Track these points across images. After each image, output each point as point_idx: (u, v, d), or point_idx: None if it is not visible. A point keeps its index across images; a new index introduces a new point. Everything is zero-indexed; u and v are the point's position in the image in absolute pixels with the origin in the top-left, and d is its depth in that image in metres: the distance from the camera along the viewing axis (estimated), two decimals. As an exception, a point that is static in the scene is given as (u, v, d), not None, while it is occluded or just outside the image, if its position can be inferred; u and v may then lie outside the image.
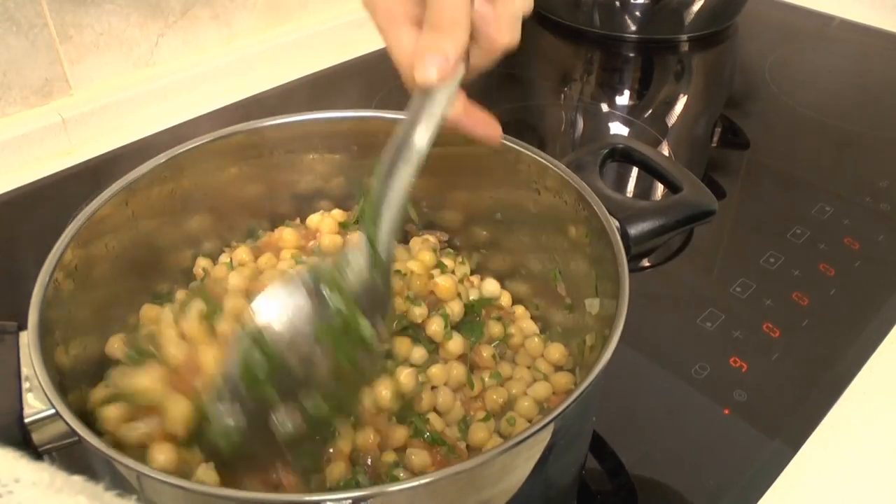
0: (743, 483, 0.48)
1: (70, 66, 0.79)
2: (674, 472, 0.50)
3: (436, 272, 0.49)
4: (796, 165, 0.79)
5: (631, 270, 0.41)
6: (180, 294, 0.49)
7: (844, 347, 0.57)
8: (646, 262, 0.67)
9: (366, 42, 0.98)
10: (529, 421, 0.43)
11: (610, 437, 0.51)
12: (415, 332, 0.45)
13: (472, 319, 0.48)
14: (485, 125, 0.40)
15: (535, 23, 1.07)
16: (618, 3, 0.98)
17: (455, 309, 0.46)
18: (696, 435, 0.52)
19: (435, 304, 0.46)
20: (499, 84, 0.94)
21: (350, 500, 0.32)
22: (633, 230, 0.43)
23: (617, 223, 0.43)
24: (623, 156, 0.49)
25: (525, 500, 0.37)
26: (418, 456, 0.40)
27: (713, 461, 0.50)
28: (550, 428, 0.32)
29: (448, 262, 0.50)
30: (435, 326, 0.45)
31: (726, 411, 0.53)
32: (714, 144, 0.86)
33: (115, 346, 0.44)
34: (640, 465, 0.50)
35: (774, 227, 0.69)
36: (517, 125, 0.83)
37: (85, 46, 0.79)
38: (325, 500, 0.32)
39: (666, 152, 0.81)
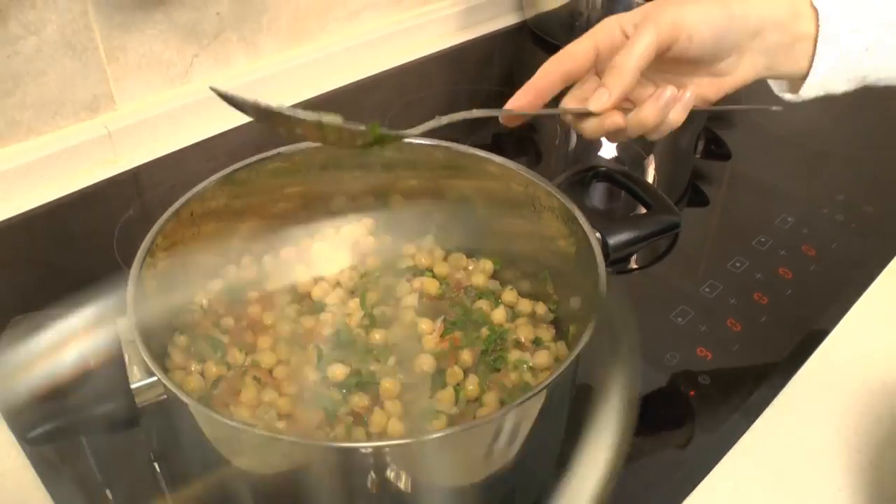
0: (706, 450, 0.58)
1: (115, 84, 0.87)
2: (648, 444, 0.59)
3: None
4: (767, 177, 0.88)
5: (618, 272, 0.50)
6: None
7: (796, 340, 0.67)
8: (634, 265, 0.76)
9: (380, 61, 1.07)
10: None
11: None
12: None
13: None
14: None
15: (531, 43, 1.17)
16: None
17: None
18: (666, 413, 0.61)
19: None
20: (497, 102, 1.03)
21: (370, 450, 0.41)
22: (612, 240, 0.53)
23: (598, 234, 0.52)
24: (605, 177, 0.58)
25: (522, 458, 0.46)
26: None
27: (681, 433, 0.59)
28: (544, 393, 0.41)
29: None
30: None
31: (692, 393, 0.62)
32: (698, 155, 0.94)
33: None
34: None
35: (742, 234, 0.78)
36: (514, 140, 0.92)
37: (129, 67, 0.87)
38: (351, 447, 0.41)
39: (653, 163, 0.90)
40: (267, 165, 0.59)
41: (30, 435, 0.40)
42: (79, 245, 0.78)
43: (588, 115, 0.49)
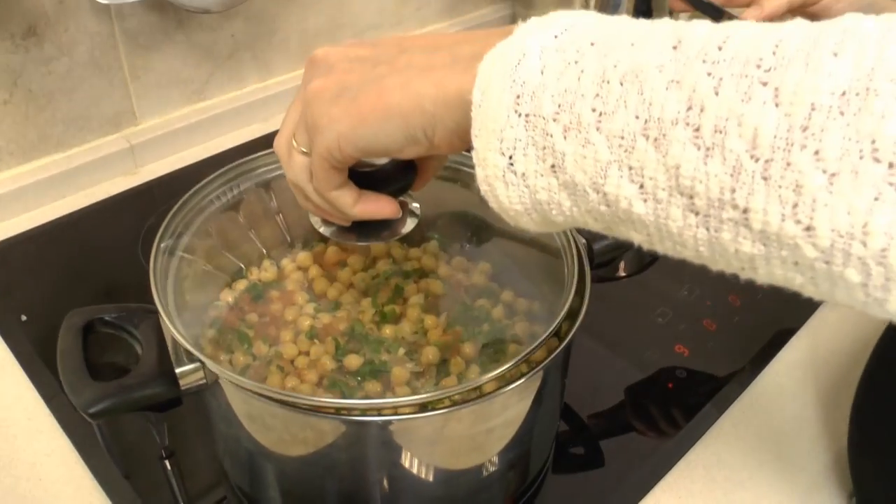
0: (683, 434, 0.64)
1: (137, 100, 0.93)
2: (630, 430, 0.66)
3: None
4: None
5: (606, 279, 0.55)
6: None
7: (765, 338, 0.73)
8: (622, 273, 0.83)
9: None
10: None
11: (579, 407, 0.67)
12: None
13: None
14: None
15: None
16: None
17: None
18: (647, 402, 0.68)
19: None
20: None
21: (382, 421, 0.47)
22: (597, 246, 0.59)
23: (584, 240, 0.58)
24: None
25: (519, 436, 0.52)
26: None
27: (660, 420, 0.66)
28: (540, 374, 0.48)
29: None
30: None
31: (670, 385, 0.69)
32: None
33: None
34: (603, 425, 0.66)
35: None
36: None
37: (150, 84, 0.93)
38: (363, 419, 0.47)
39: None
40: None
41: (91, 410, 0.46)
42: (105, 250, 0.84)
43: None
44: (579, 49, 0.34)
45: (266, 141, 1.00)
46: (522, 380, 0.47)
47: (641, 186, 0.32)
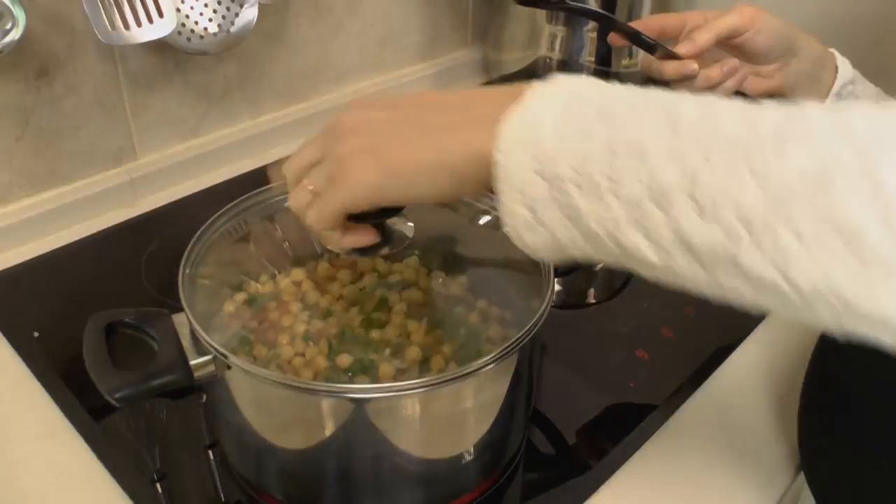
0: (639, 431, 0.70)
1: (137, 137, 1.00)
2: (598, 427, 0.72)
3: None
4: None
5: (578, 306, 0.61)
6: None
7: (715, 345, 0.80)
8: (592, 300, 0.91)
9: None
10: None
11: (549, 411, 0.73)
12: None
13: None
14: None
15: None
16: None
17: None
18: (612, 400, 0.75)
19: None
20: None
21: (364, 397, 0.53)
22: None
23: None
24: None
25: (496, 421, 0.59)
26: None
27: (622, 416, 0.73)
28: (513, 359, 0.55)
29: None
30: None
31: (632, 384, 0.76)
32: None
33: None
34: (572, 423, 0.73)
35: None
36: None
37: (149, 122, 1.00)
38: (340, 393, 0.53)
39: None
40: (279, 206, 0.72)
41: (116, 395, 0.52)
42: (107, 274, 0.90)
43: (672, 59, 0.69)
44: (586, 119, 0.40)
45: (257, 175, 1.07)
46: (493, 364, 0.54)
47: (650, 239, 0.39)
